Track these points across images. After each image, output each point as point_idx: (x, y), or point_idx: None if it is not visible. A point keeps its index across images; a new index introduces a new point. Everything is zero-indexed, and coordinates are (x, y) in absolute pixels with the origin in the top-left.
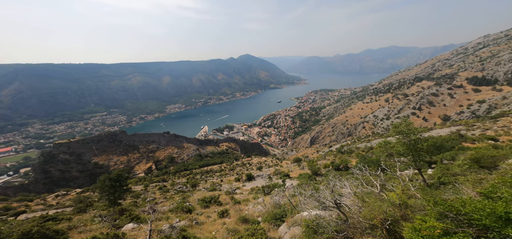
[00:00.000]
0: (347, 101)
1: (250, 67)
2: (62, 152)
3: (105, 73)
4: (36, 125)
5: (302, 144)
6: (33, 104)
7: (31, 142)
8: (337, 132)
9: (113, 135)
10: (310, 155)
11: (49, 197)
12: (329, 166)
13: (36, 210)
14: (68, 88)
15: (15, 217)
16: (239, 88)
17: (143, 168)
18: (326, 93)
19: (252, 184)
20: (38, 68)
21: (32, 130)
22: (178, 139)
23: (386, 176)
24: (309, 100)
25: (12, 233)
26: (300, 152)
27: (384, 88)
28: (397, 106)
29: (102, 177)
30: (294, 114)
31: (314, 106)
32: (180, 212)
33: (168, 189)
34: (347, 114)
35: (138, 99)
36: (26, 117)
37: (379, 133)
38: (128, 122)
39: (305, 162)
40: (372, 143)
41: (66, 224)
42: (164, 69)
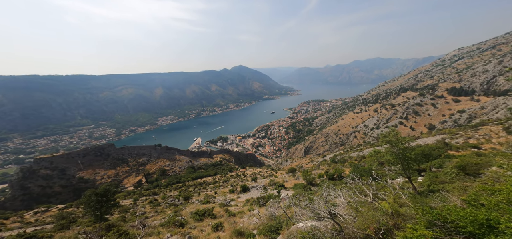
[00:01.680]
0: (339, 111)
1: (244, 78)
2: (44, 167)
3: (95, 85)
4: (16, 140)
5: (296, 154)
6: (15, 118)
7: (10, 158)
8: (330, 142)
9: (100, 148)
10: (304, 165)
11: (27, 214)
12: (323, 175)
13: (12, 228)
14: (53, 101)
15: None
16: (233, 99)
17: (133, 182)
18: (318, 103)
19: (247, 195)
20: (22, 79)
21: (12, 145)
22: (170, 151)
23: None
24: (302, 111)
25: None
26: (295, 162)
27: (372, 98)
28: (386, 116)
29: (88, 192)
30: (288, 125)
31: (307, 117)
32: (172, 226)
33: (159, 202)
34: (339, 124)
35: (129, 111)
36: (6, 131)
37: (370, 142)
38: (117, 135)
39: (299, 172)
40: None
41: None
42: (157, 81)
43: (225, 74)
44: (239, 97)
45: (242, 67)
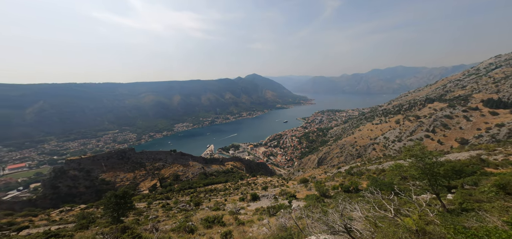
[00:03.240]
0: (356, 122)
1: (257, 86)
2: (72, 168)
3: (121, 92)
4: (52, 142)
5: (309, 164)
6: (53, 122)
7: (45, 158)
8: (346, 153)
9: (122, 152)
10: (317, 176)
11: (53, 212)
12: (338, 187)
13: (39, 226)
14: (86, 107)
15: (17, 232)
16: (246, 108)
17: (148, 185)
18: (333, 113)
19: (257, 204)
20: (61, 87)
21: (48, 146)
22: (184, 157)
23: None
24: (316, 121)
25: None
26: (307, 172)
27: (394, 109)
28: (409, 128)
29: (109, 193)
30: (301, 135)
31: (321, 127)
32: (182, 231)
33: (171, 207)
34: (356, 135)
35: (150, 117)
36: (44, 134)
37: (390, 155)
38: (137, 139)
39: (312, 183)
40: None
41: None
42: (176, 88)
43: (239, 83)
44: (252, 106)
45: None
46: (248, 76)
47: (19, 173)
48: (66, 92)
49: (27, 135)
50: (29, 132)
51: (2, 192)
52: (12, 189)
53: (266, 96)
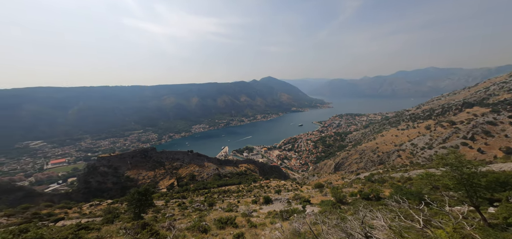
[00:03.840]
0: (378, 127)
1: (272, 89)
2: (103, 165)
3: (147, 94)
4: (87, 140)
5: (325, 169)
6: (89, 122)
7: (81, 155)
8: (366, 159)
9: (145, 151)
10: (334, 182)
11: (84, 206)
12: (357, 194)
13: (73, 218)
14: (116, 108)
15: (55, 223)
16: (261, 110)
17: (166, 184)
18: (353, 117)
19: (270, 207)
20: (97, 90)
21: (84, 144)
22: (200, 158)
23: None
24: (333, 125)
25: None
26: (323, 177)
27: (423, 114)
28: (442, 134)
29: (133, 190)
30: (317, 139)
31: (339, 131)
32: (196, 231)
33: (186, 206)
34: (378, 140)
35: (170, 118)
36: (81, 133)
37: (418, 163)
38: (158, 140)
39: (328, 188)
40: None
41: (95, 234)
42: (194, 91)
43: (254, 85)
44: (266, 108)
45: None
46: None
47: (60, 168)
48: (100, 94)
49: (68, 133)
50: (69, 131)
51: (45, 185)
52: (53, 182)
53: (281, 99)
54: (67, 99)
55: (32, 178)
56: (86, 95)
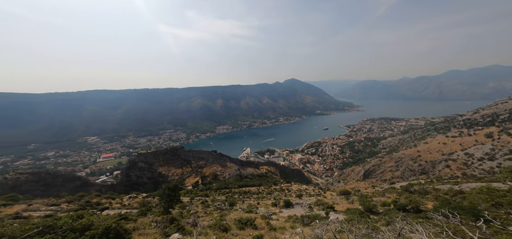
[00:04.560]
0: (420, 133)
1: (296, 91)
2: (141, 161)
3: (178, 96)
4: (130, 137)
5: (352, 176)
6: (131, 121)
7: (125, 151)
8: (403, 168)
9: (175, 149)
10: (362, 189)
11: (125, 197)
12: (390, 204)
13: (115, 208)
14: (153, 109)
15: (101, 211)
16: (283, 113)
17: (192, 182)
18: (388, 122)
19: (290, 211)
20: (138, 92)
21: (128, 141)
22: (223, 158)
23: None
24: (363, 129)
25: (100, 226)
26: (349, 184)
27: (483, 120)
28: (508, 144)
29: (164, 186)
30: (344, 143)
31: (371, 136)
32: (217, 229)
33: (208, 204)
34: (420, 148)
35: (197, 119)
36: (125, 130)
37: (475, 175)
38: (186, 139)
39: (355, 196)
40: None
41: (132, 224)
42: (219, 93)
43: (277, 87)
44: (289, 111)
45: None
46: (286, 81)
47: (108, 161)
48: (141, 96)
49: (115, 130)
50: (116, 128)
51: (96, 176)
52: (103, 174)
53: (305, 101)
54: (116, 100)
55: (88, 169)
56: (130, 97)
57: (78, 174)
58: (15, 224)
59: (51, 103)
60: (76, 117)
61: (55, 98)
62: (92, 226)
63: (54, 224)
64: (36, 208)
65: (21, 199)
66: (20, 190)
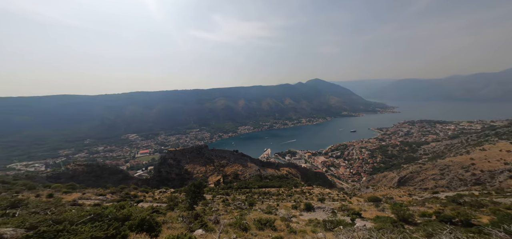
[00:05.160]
0: (475, 138)
1: (320, 92)
2: (170, 158)
3: (203, 97)
4: (162, 135)
5: (383, 182)
6: (163, 120)
7: (158, 148)
8: (450, 176)
9: (199, 148)
10: (396, 197)
11: (156, 192)
12: (431, 215)
13: (148, 201)
14: (181, 109)
15: (137, 203)
16: (306, 114)
17: (214, 180)
18: (431, 125)
19: (311, 215)
20: (169, 93)
21: (160, 138)
22: (244, 158)
23: None
24: (399, 133)
25: (137, 217)
26: (380, 191)
27: None
28: None
29: (190, 183)
30: (374, 147)
31: (408, 140)
32: (237, 228)
33: (229, 203)
34: (474, 155)
35: (220, 119)
36: (158, 129)
37: None
38: (210, 138)
39: (387, 203)
40: None
41: (162, 218)
42: (241, 94)
43: (300, 88)
44: (312, 112)
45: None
46: (309, 82)
47: (144, 157)
48: (171, 97)
49: (150, 129)
50: (151, 127)
51: (134, 170)
52: (139, 168)
53: (329, 102)
54: (151, 101)
55: (128, 164)
56: (163, 97)
57: (121, 168)
58: (73, 210)
59: (102, 103)
60: (120, 116)
61: (105, 99)
62: (131, 216)
63: (102, 212)
64: (88, 197)
65: (77, 188)
66: (77, 179)
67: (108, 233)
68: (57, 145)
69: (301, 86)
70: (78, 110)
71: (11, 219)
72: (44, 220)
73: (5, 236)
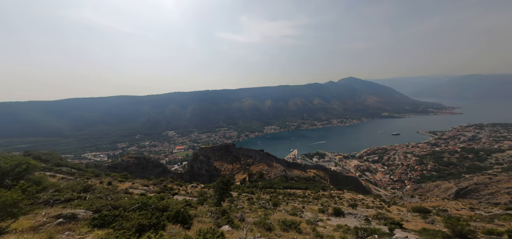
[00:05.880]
0: None
1: (354, 91)
2: (201, 154)
3: (231, 97)
4: (195, 133)
5: (435, 192)
6: (197, 119)
7: (191, 145)
8: None
9: (227, 146)
10: (451, 210)
11: (189, 186)
12: (503, 234)
13: (181, 194)
14: (212, 108)
15: (173, 195)
16: (337, 114)
17: (240, 178)
18: (508, 130)
19: (340, 220)
20: (202, 93)
21: (193, 136)
22: (269, 158)
23: None
24: (460, 137)
25: (173, 209)
26: (430, 202)
27: None
28: None
29: (219, 179)
30: (425, 153)
31: (473, 147)
32: (262, 227)
33: (253, 202)
34: None
35: (247, 119)
36: (192, 127)
37: None
38: (237, 137)
39: (439, 216)
40: None
41: (193, 211)
42: (268, 94)
43: (330, 87)
44: (345, 112)
45: (352, 79)
46: (342, 80)
47: (180, 153)
48: (203, 97)
49: (185, 126)
50: (186, 125)
51: (171, 164)
52: (175, 163)
53: (366, 102)
54: (186, 101)
55: (167, 158)
56: (196, 97)
57: (161, 162)
58: (126, 198)
59: (148, 103)
60: (162, 114)
61: (151, 99)
62: (168, 208)
63: (147, 202)
64: (136, 186)
65: (129, 178)
66: (129, 170)
67: (151, 222)
68: (116, 139)
69: (332, 85)
70: (131, 108)
71: (83, 202)
72: (105, 205)
73: (79, 216)
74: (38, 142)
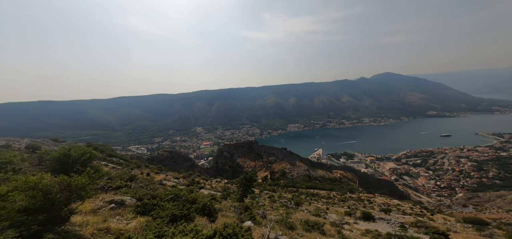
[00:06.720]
0: None
1: (391, 88)
2: (226, 150)
3: (254, 95)
4: (219, 130)
5: (497, 203)
6: (221, 116)
7: (216, 141)
8: None
9: (250, 143)
10: None
11: (213, 180)
12: None
13: (207, 188)
14: (236, 105)
15: (199, 189)
16: (370, 113)
17: (262, 175)
18: None
19: (369, 225)
20: (226, 91)
21: (218, 132)
22: (292, 156)
23: None
24: None
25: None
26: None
27: None
28: None
29: (242, 175)
30: (485, 158)
31: None
32: (283, 226)
33: (275, 200)
34: None
35: (270, 116)
36: (217, 124)
37: None
38: (260, 134)
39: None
40: None
41: (218, 205)
42: (291, 91)
43: (362, 84)
44: (379, 111)
45: (388, 74)
46: (376, 76)
47: (206, 148)
48: (227, 94)
49: (211, 123)
50: (212, 121)
51: (198, 159)
52: (202, 158)
53: (407, 99)
54: (212, 98)
55: (195, 153)
56: (221, 95)
57: (190, 156)
58: (161, 188)
59: (179, 100)
60: (191, 111)
61: (181, 97)
62: (196, 200)
63: (179, 193)
64: (169, 179)
65: (163, 170)
66: (163, 163)
67: (182, 212)
68: (154, 134)
69: (364, 82)
70: (166, 106)
71: (129, 190)
72: (146, 194)
73: (126, 202)
74: (96, 135)
